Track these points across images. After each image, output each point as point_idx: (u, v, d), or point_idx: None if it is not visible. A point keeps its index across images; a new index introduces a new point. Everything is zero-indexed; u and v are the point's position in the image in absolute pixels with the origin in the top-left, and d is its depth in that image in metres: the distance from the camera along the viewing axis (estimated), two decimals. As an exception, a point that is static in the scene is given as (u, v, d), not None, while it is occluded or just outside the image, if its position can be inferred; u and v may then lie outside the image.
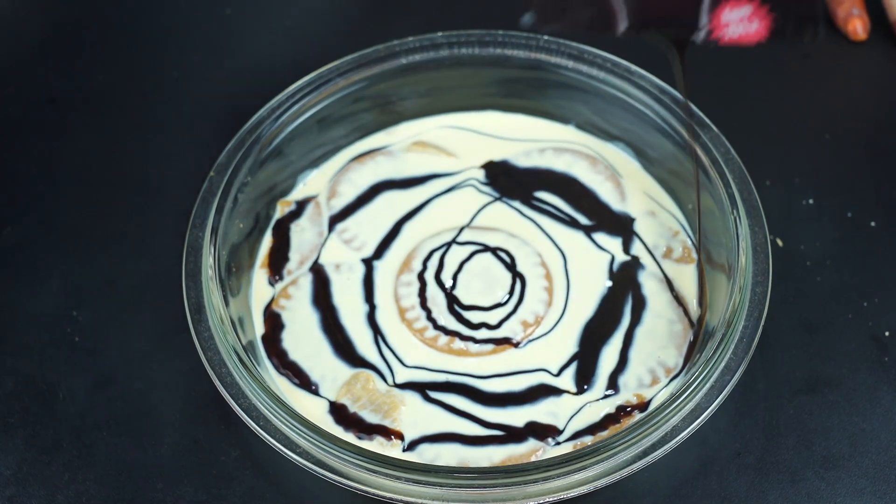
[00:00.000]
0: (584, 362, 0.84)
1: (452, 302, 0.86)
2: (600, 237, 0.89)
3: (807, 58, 1.06)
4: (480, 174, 0.93)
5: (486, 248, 0.89)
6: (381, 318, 0.86)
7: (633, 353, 0.84)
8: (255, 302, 0.87)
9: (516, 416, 0.81)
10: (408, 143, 0.95)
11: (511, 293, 0.86)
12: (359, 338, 0.85)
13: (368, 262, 0.89)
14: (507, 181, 0.92)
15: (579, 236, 0.89)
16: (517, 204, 0.91)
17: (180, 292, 0.81)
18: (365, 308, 0.87)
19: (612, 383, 0.83)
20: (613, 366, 0.83)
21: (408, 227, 0.90)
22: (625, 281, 0.87)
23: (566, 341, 0.85)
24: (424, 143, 0.94)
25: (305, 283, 0.87)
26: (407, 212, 0.91)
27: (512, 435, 0.81)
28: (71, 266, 0.94)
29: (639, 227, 0.90)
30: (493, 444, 0.80)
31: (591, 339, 0.85)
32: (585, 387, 0.83)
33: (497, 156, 0.94)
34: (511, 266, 0.88)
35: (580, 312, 0.86)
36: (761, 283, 0.80)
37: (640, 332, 0.85)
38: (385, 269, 0.88)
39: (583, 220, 0.90)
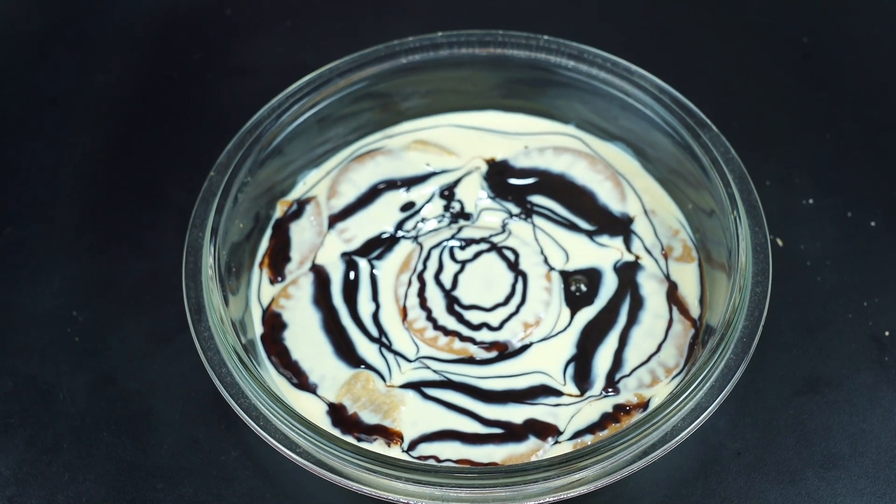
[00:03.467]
0: (584, 362, 0.84)
1: (452, 302, 0.86)
2: (600, 238, 0.89)
3: (807, 58, 1.06)
4: (481, 174, 0.93)
5: (488, 248, 0.89)
6: (381, 318, 0.86)
7: (633, 353, 0.84)
8: (255, 302, 0.87)
9: (516, 415, 0.81)
10: (408, 142, 0.95)
11: (512, 293, 0.86)
12: (359, 338, 0.85)
13: (370, 262, 0.89)
14: (507, 183, 0.92)
15: (579, 237, 0.89)
16: (517, 207, 0.91)
17: (180, 292, 0.81)
18: (365, 308, 0.87)
19: (613, 383, 0.83)
20: (613, 366, 0.83)
21: (407, 227, 0.90)
22: (624, 281, 0.87)
23: (566, 342, 0.85)
24: (425, 141, 0.94)
25: (305, 283, 0.87)
26: (408, 213, 0.91)
27: (512, 434, 0.81)
28: (71, 266, 0.94)
29: (638, 226, 0.90)
30: (493, 443, 0.80)
31: (590, 339, 0.84)
32: (585, 387, 0.83)
33: (497, 155, 0.94)
34: (513, 265, 0.88)
35: (584, 313, 0.86)
36: (761, 282, 0.80)
37: (639, 331, 0.85)
38: (385, 269, 0.88)
39: (583, 223, 0.90)
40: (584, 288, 0.87)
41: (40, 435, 0.86)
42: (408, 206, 0.91)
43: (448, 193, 0.92)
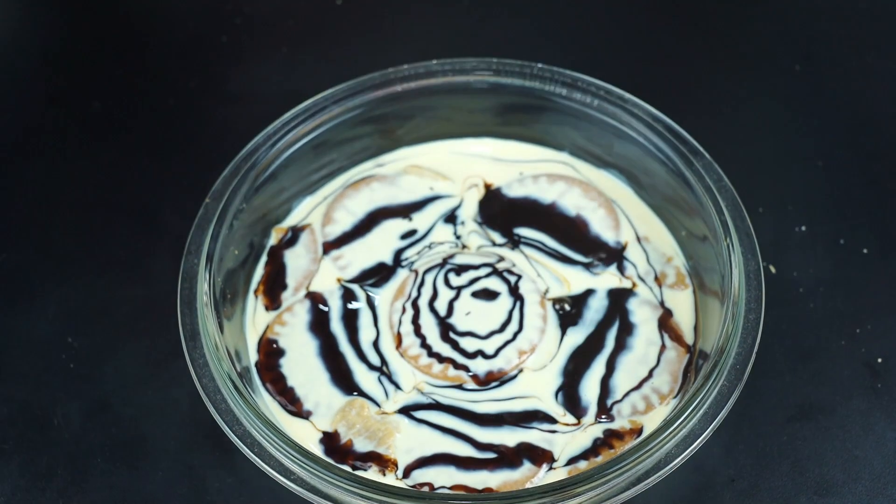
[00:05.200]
0: (578, 389, 0.84)
1: (447, 329, 0.86)
2: (595, 269, 0.89)
3: (799, 85, 1.07)
4: (477, 199, 0.93)
5: (485, 275, 0.89)
6: (377, 345, 0.86)
7: (627, 380, 0.84)
8: (251, 328, 0.87)
9: (509, 439, 0.82)
10: (403, 167, 0.95)
11: (508, 320, 0.86)
12: (355, 365, 0.85)
13: (364, 289, 0.89)
14: (496, 212, 0.92)
15: (571, 268, 0.90)
16: (503, 238, 0.91)
17: (175, 319, 0.81)
18: (361, 335, 0.87)
19: (607, 410, 0.83)
20: (608, 393, 0.83)
21: (407, 254, 0.90)
22: (617, 307, 0.87)
23: (560, 368, 0.85)
24: (420, 167, 0.95)
25: (301, 310, 0.87)
26: (405, 243, 0.91)
27: (507, 460, 0.81)
28: (66, 292, 0.94)
29: (631, 253, 0.90)
30: (488, 469, 0.80)
31: (583, 365, 0.85)
32: (579, 413, 0.83)
33: (492, 181, 0.94)
34: (510, 291, 0.88)
35: (573, 339, 0.86)
36: (754, 309, 0.81)
37: (631, 357, 0.85)
38: (381, 297, 0.88)
39: (576, 256, 0.90)
40: (567, 308, 0.87)
41: (35, 461, 0.86)
42: (409, 234, 0.92)
43: (451, 218, 0.92)
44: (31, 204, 1.00)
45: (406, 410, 0.83)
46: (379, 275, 0.89)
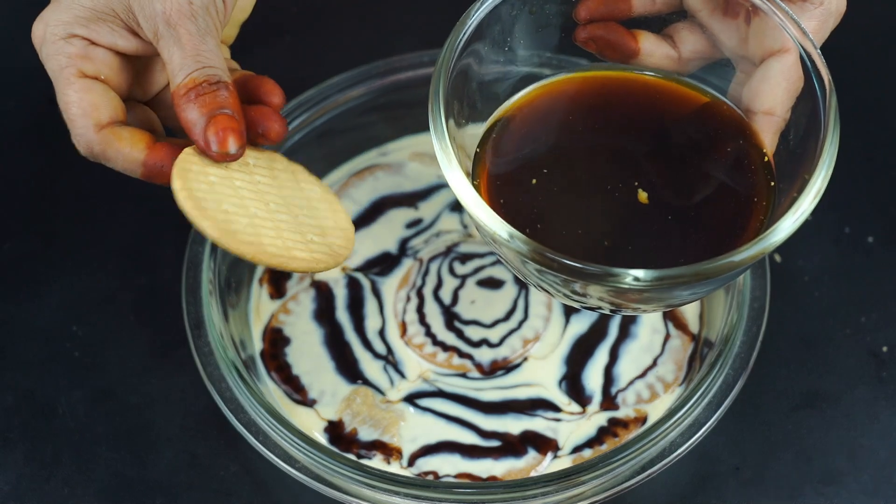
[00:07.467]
0: (582, 377, 0.84)
1: (452, 318, 0.86)
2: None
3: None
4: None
5: (490, 263, 0.89)
6: (383, 333, 0.86)
7: (632, 368, 0.84)
8: (255, 317, 0.87)
9: (514, 426, 0.82)
10: (408, 155, 0.95)
11: (513, 309, 0.87)
12: (359, 353, 0.85)
13: (369, 279, 0.89)
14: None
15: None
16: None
17: (180, 307, 0.81)
18: (366, 324, 0.87)
19: (612, 398, 0.83)
20: (612, 381, 0.83)
21: (413, 242, 0.90)
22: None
23: (563, 357, 0.85)
24: (425, 155, 0.95)
25: (305, 299, 0.88)
26: (411, 232, 0.91)
27: (511, 448, 0.81)
28: (71, 280, 0.94)
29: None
30: (493, 457, 0.81)
31: (587, 354, 0.85)
32: (583, 402, 0.83)
33: (496, 171, 0.94)
34: (518, 279, 0.88)
35: (577, 327, 0.86)
36: (759, 298, 0.81)
37: (637, 346, 0.85)
38: (386, 285, 0.88)
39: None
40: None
41: (39, 449, 0.86)
42: (415, 223, 0.91)
43: (458, 206, 0.92)
44: (35, 192, 1.00)
45: (411, 399, 0.83)
46: (384, 264, 0.89)
